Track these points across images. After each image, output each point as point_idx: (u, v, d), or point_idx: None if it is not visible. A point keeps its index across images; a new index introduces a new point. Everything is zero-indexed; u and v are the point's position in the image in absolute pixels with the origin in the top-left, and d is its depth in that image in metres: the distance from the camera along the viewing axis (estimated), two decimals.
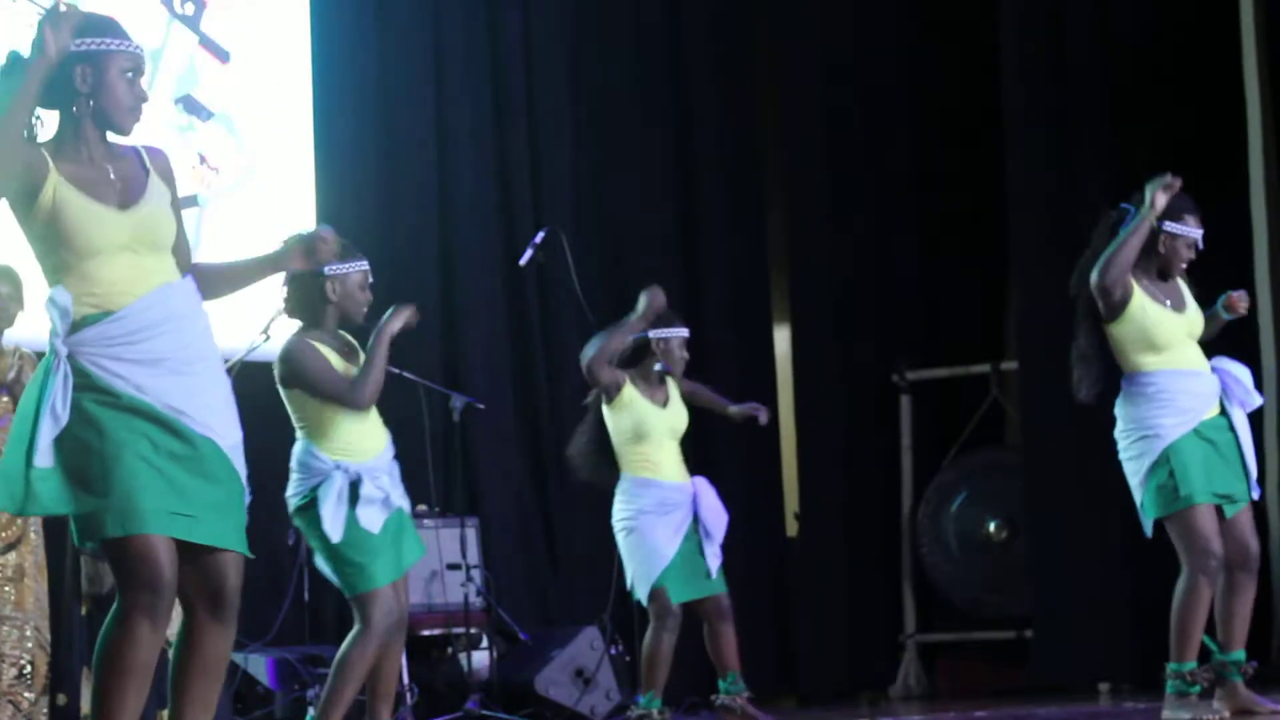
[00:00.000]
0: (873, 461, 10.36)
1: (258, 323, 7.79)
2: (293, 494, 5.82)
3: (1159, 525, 6.28)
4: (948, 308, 10.45)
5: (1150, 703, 6.98)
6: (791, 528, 10.40)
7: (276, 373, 5.87)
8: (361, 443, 5.82)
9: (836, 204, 10.45)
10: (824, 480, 10.29)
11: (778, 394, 10.38)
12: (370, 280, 5.98)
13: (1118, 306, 6.22)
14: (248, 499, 4.15)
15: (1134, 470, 6.27)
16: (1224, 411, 6.27)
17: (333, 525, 5.66)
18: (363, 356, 5.91)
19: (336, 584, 5.83)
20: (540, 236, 7.91)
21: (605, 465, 7.17)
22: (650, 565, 7.05)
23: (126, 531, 3.94)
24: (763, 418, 7.49)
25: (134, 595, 3.97)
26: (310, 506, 5.74)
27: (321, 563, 5.85)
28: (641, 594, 7.10)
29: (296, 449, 5.87)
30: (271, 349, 7.80)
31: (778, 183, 10.70)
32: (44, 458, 3.95)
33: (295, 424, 5.88)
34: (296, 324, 6.01)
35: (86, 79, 4.06)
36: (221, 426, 4.10)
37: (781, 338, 10.58)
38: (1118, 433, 6.33)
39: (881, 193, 10.49)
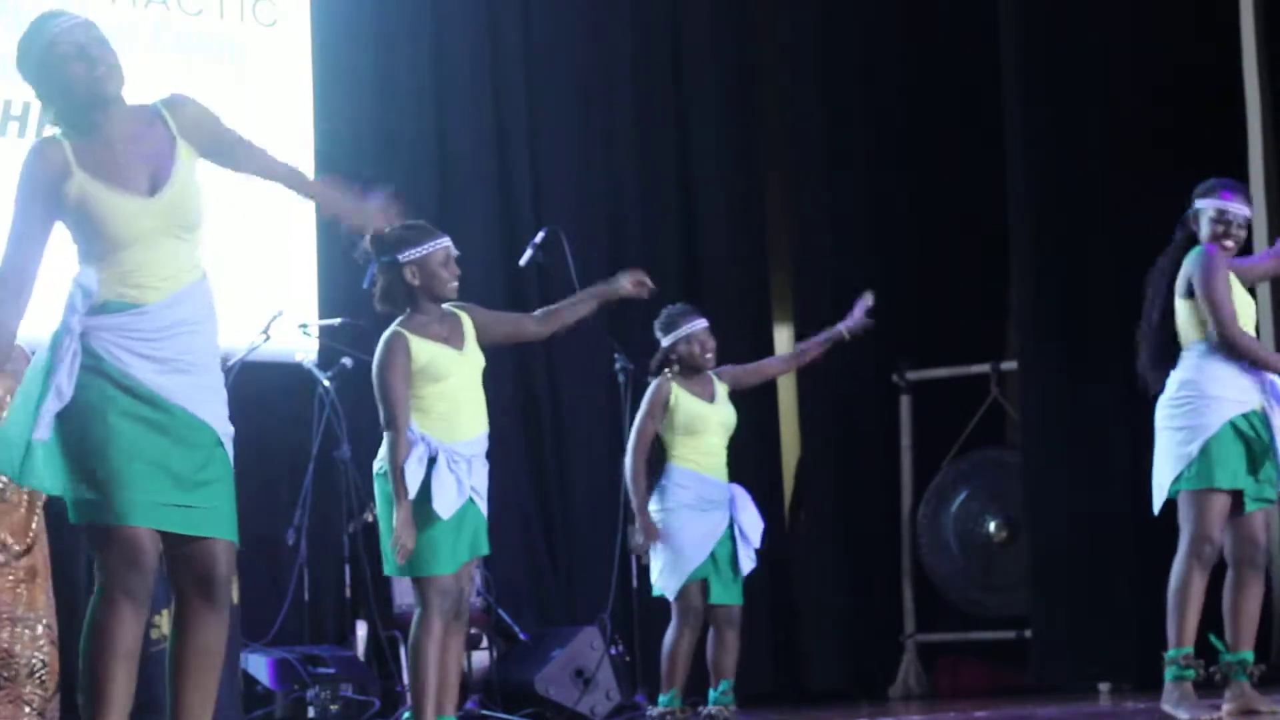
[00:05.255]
0: (873, 461, 10.36)
1: (258, 323, 7.82)
2: (378, 459, 5.82)
3: (1167, 505, 6.29)
4: (948, 308, 10.45)
5: (1150, 702, 6.98)
6: (792, 527, 10.40)
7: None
8: (454, 423, 5.78)
9: (837, 204, 10.44)
10: (824, 480, 10.29)
11: (778, 394, 10.38)
12: (453, 254, 5.89)
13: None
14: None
15: (1180, 440, 6.24)
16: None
17: (411, 483, 5.65)
18: (466, 332, 5.86)
19: (391, 564, 5.79)
20: (540, 236, 7.91)
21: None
22: (681, 562, 6.98)
23: (117, 521, 4.00)
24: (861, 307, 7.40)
25: (117, 576, 4.02)
26: (385, 476, 5.74)
27: (384, 537, 5.79)
28: (669, 590, 7.00)
29: None
30: (271, 349, 7.83)
31: (778, 183, 10.69)
32: (44, 431, 4.00)
33: None
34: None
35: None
36: (217, 419, 4.17)
37: (781, 338, 10.58)
38: (1167, 400, 6.33)
39: (882, 193, 10.48)
